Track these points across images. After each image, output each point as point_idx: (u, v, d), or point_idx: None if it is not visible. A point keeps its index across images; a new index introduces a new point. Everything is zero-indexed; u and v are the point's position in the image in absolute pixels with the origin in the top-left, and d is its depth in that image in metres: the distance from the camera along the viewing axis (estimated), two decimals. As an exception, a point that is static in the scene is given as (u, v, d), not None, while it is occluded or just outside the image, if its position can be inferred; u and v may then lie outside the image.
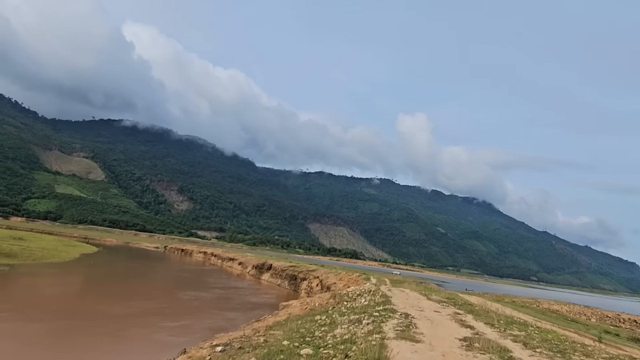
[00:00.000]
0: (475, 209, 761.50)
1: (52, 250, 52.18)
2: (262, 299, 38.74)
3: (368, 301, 18.79)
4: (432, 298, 22.85)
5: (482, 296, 43.94)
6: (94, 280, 38.33)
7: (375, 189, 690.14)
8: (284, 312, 20.84)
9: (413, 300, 20.25)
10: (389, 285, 33.36)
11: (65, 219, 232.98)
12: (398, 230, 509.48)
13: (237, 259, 73.78)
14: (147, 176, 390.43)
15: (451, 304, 20.57)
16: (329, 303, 21.60)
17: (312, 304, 23.17)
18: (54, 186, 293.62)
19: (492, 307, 21.74)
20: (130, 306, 27.18)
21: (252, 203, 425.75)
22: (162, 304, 29.83)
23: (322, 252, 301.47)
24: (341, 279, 41.30)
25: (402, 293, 24.14)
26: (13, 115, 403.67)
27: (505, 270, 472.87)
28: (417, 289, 29.55)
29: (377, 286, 26.99)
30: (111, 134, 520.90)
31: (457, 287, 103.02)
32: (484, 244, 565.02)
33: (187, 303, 31.83)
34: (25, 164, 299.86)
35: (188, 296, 35.05)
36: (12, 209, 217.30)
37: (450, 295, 27.72)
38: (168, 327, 22.38)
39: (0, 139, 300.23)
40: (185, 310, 28.51)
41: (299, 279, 49.80)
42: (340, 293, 23.80)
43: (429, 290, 32.59)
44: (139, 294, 33.99)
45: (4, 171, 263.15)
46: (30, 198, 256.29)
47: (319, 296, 25.97)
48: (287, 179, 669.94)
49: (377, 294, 21.58)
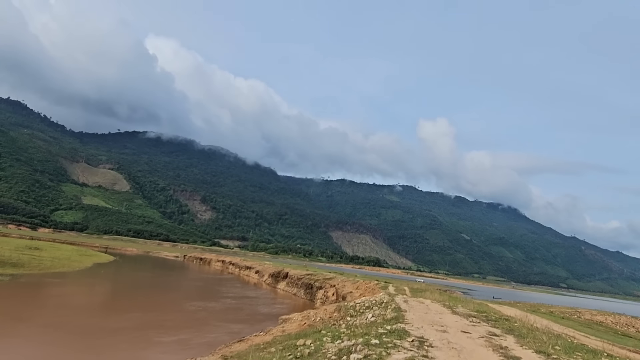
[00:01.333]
0: (500, 215, 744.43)
1: (65, 259, 51.26)
2: (274, 309, 36.32)
3: (376, 317, 15.57)
4: (458, 311, 18.92)
5: (514, 306, 39.99)
6: (97, 291, 36.74)
7: (398, 195, 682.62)
8: (278, 329, 18.12)
9: (433, 315, 16.44)
10: (407, 294, 30.03)
11: (91, 230, 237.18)
12: (421, 238, 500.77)
13: (254, 268, 71.63)
14: (171, 186, 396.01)
15: (483, 320, 16.58)
16: (332, 317, 18.88)
17: (313, 317, 20.40)
18: (80, 197, 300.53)
19: (536, 323, 17.40)
20: (128, 319, 25.23)
21: (274, 212, 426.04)
22: (164, 316, 27.79)
23: (345, 260, 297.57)
24: (358, 287, 38.46)
25: (420, 305, 20.34)
26: (42, 129, 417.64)
27: (533, 277, 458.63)
28: (439, 299, 25.90)
29: (392, 297, 23.33)
30: (136, 145, 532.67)
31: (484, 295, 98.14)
32: (510, 251, 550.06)
33: (192, 314, 29.72)
34: (53, 177, 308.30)
35: (195, 307, 32.96)
36: (40, 220, 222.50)
37: (479, 307, 23.49)
38: (163, 342, 20.21)
39: (30, 152, 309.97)
40: (189, 322, 26.36)
41: (315, 288, 47.11)
42: (347, 305, 20.74)
43: (454, 300, 28.86)
44: (143, 305, 32.11)
45: (33, 183, 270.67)
46: (57, 209, 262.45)
47: (324, 308, 22.94)
48: (308, 187, 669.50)
49: (389, 306, 18.43)
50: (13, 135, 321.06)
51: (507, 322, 16.38)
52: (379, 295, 25.81)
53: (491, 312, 20.61)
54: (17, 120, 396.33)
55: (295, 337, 12.99)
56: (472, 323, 14.96)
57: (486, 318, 17.04)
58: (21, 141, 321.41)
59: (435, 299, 25.30)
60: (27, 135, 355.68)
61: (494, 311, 21.87)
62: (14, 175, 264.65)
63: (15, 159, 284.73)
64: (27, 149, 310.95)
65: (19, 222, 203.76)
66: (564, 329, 20.92)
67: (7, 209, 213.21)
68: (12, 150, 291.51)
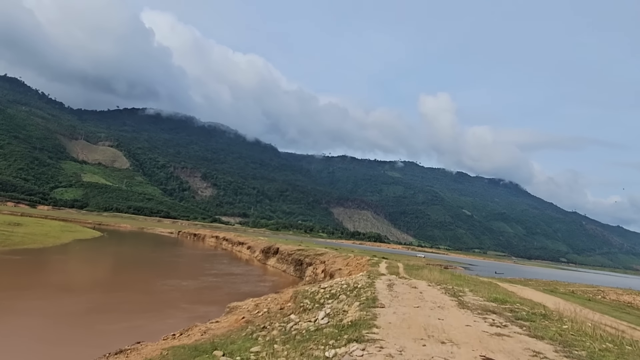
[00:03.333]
0: (501, 191, 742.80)
1: (41, 236, 49.05)
2: (257, 287, 33.89)
3: (330, 317, 9.89)
4: (467, 302, 12.76)
5: (527, 285, 36.52)
6: (58, 269, 33.03)
7: (399, 171, 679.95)
8: (201, 329, 14.30)
9: (429, 313, 10.40)
10: (400, 273, 24.82)
11: (92, 207, 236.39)
12: (423, 213, 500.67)
13: (247, 243, 69.49)
14: (171, 163, 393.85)
15: (508, 317, 10.40)
16: (284, 308, 14.80)
17: (260, 308, 16.75)
18: (80, 175, 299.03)
19: (588, 321, 10.97)
20: (79, 301, 22.32)
21: (275, 188, 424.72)
22: (127, 297, 25.01)
23: (346, 236, 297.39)
24: (348, 264, 35.80)
25: (411, 292, 14.42)
26: (40, 106, 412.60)
27: (534, 252, 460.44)
28: (439, 280, 20.03)
29: (373, 279, 17.38)
30: (135, 122, 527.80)
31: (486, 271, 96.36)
32: (511, 226, 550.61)
33: (161, 295, 27.08)
34: (52, 154, 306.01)
35: (168, 286, 30.34)
36: (39, 197, 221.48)
37: (495, 292, 16.80)
38: (108, 330, 17.13)
39: (29, 130, 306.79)
40: (152, 304, 23.64)
41: (304, 265, 44.78)
42: (307, 292, 16.81)
43: (458, 280, 22.40)
44: (107, 284, 29.30)
45: (32, 161, 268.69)
46: (57, 187, 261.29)
47: (275, 296, 19.21)
48: (309, 163, 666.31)
49: (362, 295, 12.67)
50: (10, 113, 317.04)
51: (548, 321, 10.23)
52: (357, 276, 19.59)
53: (514, 300, 14.38)
54: (15, 98, 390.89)
55: (193, 351, 9.12)
56: (495, 327, 8.99)
57: (512, 314, 10.99)
58: (19, 118, 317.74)
59: (433, 280, 19.79)
60: (24, 112, 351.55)
61: (516, 299, 15.60)
62: (13, 153, 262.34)
63: (14, 136, 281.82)
64: (25, 127, 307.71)
65: (17, 199, 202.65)
66: (618, 322, 15.63)
67: (6, 187, 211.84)
68: (10, 127, 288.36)
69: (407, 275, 22.53)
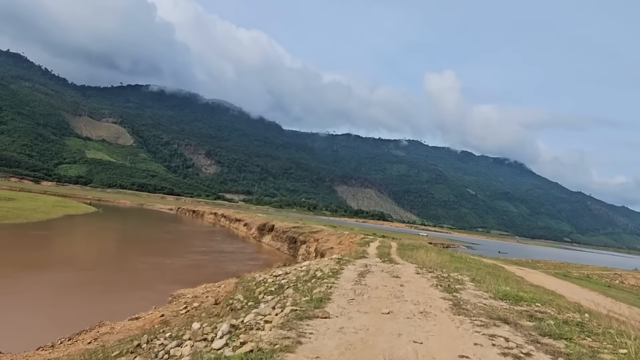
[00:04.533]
0: (506, 170, 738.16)
1: (28, 210, 48.02)
2: (245, 266, 32.53)
3: (231, 339, 5.69)
4: (466, 300, 9.09)
5: (536, 267, 34.02)
6: (35, 245, 30.93)
7: (403, 150, 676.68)
8: (92, 335, 12.10)
9: (401, 322, 6.86)
10: (392, 253, 21.77)
11: (95, 184, 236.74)
12: (427, 192, 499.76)
13: (244, 220, 68.33)
14: (175, 140, 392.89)
15: (537, 339, 6.06)
16: (220, 303, 12.31)
17: (201, 300, 14.61)
18: (84, 151, 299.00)
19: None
20: (42, 280, 20.28)
21: (279, 166, 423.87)
22: (98, 276, 22.99)
23: (349, 214, 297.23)
24: (341, 242, 34.28)
25: (391, 282, 11.19)
26: (44, 82, 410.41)
27: (537, 232, 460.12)
28: (435, 264, 16.83)
29: (343, 264, 14.13)
30: (139, 99, 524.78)
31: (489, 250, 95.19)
32: (515, 205, 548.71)
33: (138, 274, 25.50)
34: (56, 130, 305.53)
35: (149, 264, 28.86)
36: (43, 173, 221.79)
37: (505, 282, 13.51)
38: (57, 316, 15.43)
39: (32, 106, 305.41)
40: (124, 284, 21.92)
41: (298, 242, 43.45)
42: (251, 281, 13.90)
43: (458, 263, 19.19)
44: (83, 261, 27.53)
45: (36, 137, 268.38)
46: (62, 163, 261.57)
47: (205, 287, 16.25)
48: (313, 141, 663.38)
49: (317, 288, 9.40)
50: (14, 89, 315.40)
51: (591, 337, 6.32)
52: (325, 260, 16.49)
53: (531, 297, 10.09)
54: (18, 73, 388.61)
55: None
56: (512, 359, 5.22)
57: (534, 324, 7.11)
58: (22, 94, 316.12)
59: (427, 264, 16.57)
60: (28, 88, 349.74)
61: (534, 294, 11.22)
62: (17, 129, 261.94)
63: (17, 112, 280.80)
64: (28, 103, 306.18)
65: (22, 175, 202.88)
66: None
67: (10, 163, 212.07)
68: (13, 103, 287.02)
69: (397, 257, 19.66)
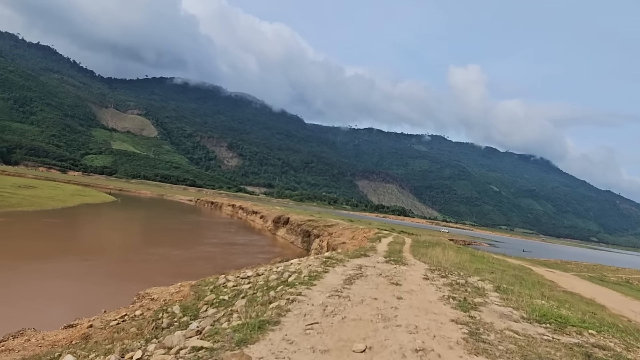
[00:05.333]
0: (532, 167, 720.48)
1: (45, 198, 48.26)
2: (256, 259, 31.45)
3: None
4: (489, 326, 6.48)
5: (567, 270, 29.88)
6: (41, 233, 30.49)
7: (426, 145, 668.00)
8: (18, 342, 10.35)
9: None
10: (404, 251, 19.13)
11: (120, 174, 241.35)
12: (449, 188, 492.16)
13: (260, 213, 67.39)
14: (198, 133, 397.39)
15: None
16: (162, 318, 9.08)
17: (152, 305, 12.79)
18: (110, 142, 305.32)
19: None
20: (36, 269, 19.19)
21: (300, 159, 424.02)
22: (97, 266, 21.92)
23: (370, 209, 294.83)
24: (354, 237, 32.66)
25: (386, 291, 8.77)
26: (72, 74, 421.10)
27: (563, 230, 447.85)
28: (452, 264, 14.77)
29: (329, 265, 11.73)
30: (163, 91, 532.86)
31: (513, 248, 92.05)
32: (541, 203, 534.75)
33: (141, 265, 24.31)
34: (83, 122, 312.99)
35: (155, 255, 27.93)
36: (70, 163, 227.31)
37: (540, 292, 11.13)
38: (39, 307, 14.42)
39: (60, 97, 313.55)
40: (123, 275, 20.72)
41: (312, 236, 42.07)
42: (208, 285, 12.23)
43: (480, 263, 16.71)
44: (86, 250, 26.04)
45: (64, 128, 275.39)
46: (88, 154, 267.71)
47: (179, 288, 14.03)
48: (335, 135, 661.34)
49: (279, 300, 7.40)
50: (43, 80, 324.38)
51: None
52: (308, 260, 14.10)
53: (583, 321, 7.53)
54: (47, 65, 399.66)
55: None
56: None
57: None
58: (51, 86, 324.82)
59: (442, 264, 14.23)
60: (57, 80, 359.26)
61: (585, 317, 8.22)
62: (45, 120, 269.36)
63: (46, 103, 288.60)
64: (57, 94, 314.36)
65: (49, 165, 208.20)
66: None
67: (39, 152, 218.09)
68: (42, 94, 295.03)
69: (408, 255, 17.17)
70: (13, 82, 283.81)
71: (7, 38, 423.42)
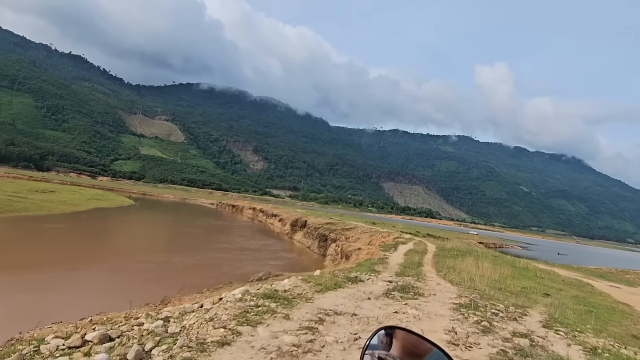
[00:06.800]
0: (563, 166, 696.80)
1: (58, 203, 47.53)
2: (265, 267, 28.92)
3: None
4: None
5: (626, 281, 22.65)
6: (36, 238, 27.71)
7: (453, 146, 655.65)
8: None
9: None
10: (425, 263, 15.45)
11: (148, 179, 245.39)
12: (477, 189, 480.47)
13: (279, 216, 65.07)
14: (224, 137, 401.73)
15: None
16: None
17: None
18: (138, 148, 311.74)
19: None
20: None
21: (325, 162, 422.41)
22: (75, 278, 19.53)
23: (396, 211, 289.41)
24: (371, 242, 29.60)
25: None
26: (102, 82, 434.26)
27: (597, 232, 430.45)
28: (489, 283, 11.84)
29: (209, 319, 6.06)
30: (190, 97, 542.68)
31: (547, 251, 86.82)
32: (573, 204, 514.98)
33: (127, 275, 21.47)
34: (112, 128, 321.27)
35: (151, 263, 25.30)
36: (99, 169, 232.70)
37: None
38: None
39: (91, 104, 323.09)
40: (95, 288, 18.02)
41: (329, 240, 39.23)
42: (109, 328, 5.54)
43: (529, 280, 13.43)
44: (73, 259, 23.39)
45: (94, 134, 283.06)
46: (117, 159, 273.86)
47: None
48: (360, 137, 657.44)
49: None
50: (75, 89, 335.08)
51: None
52: (234, 292, 8.13)
53: None
54: (79, 74, 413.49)
55: None
56: None
57: None
58: (82, 94, 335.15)
59: (476, 286, 10.95)
60: (87, 88, 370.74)
61: None
62: (77, 127, 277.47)
63: (77, 111, 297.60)
64: (87, 102, 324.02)
65: (80, 170, 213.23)
66: None
67: (70, 159, 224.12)
68: (74, 102, 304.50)
69: (429, 270, 13.59)
70: (46, 91, 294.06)
71: (41, 49, 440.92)
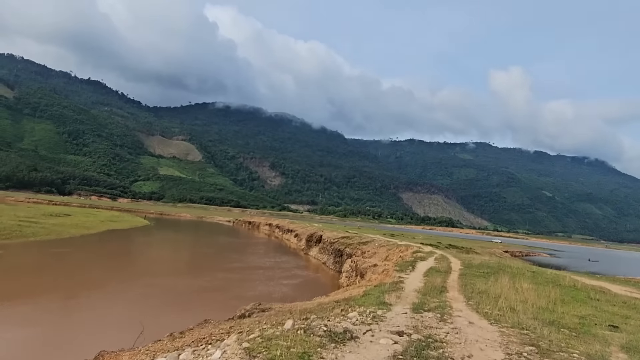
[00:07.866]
0: (586, 169, 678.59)
1: (69, 226, 47.15)
2: (277, 287, 27.15)
3: None
4: None
5: None
6: (36, 264, 27.94)
7: (471, 153, 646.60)
8: None
9: None
10: (449, 286, 12.47)
11: (167, 199, 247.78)
12: (498, 196, 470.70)
13: (295, 231, 63.53)
14: (241, 154, 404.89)
15: None
16: None
17: None
18: (157, 168, 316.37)
19: None
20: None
21: (342, 175, 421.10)
22: (62, 309, 17.55)
23: (415, 222, 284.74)
24: (387, 257, 27.48)
25: None
26: (120, 106, 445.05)
27: (626, 235, 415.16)
28: (536, 309, 9.43)
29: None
30: (206, 116, 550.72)
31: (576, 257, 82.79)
32: (599, 207, 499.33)
33: (124, 304, 19.20)
34: (131, 150, 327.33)
35: (156, 287, 23.28)
36: (119, 191, 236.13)
37: None
38: None
39: (110, 128, 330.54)
40: (81, 322, 15.81)
41: (344, 256, 37.35)
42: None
43: (580, 303, 11.21)
44: (69, 286, 21.10)
45: (114, 157, 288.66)
46: (137, 180, 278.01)
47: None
48: (376, 149, 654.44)
49: None
50: (94, 113, 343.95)
51: None
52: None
53: None
54: (98, 99, 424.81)
55: None
56: None
57: None
58: (101, 118, 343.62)
59: (520, 321, 7.95)
60: (106, 112, 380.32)
61: None
62: (97, 150, 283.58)
63: (97, 135, 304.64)
64: (107, 125, 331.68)
65: (100, 193, 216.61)
66: None
67: (91, 182, 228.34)
68: (93, 127, 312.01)
69: (457, 298, 10.69)
70: (67, 116, 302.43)
71: (61, 76, 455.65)
